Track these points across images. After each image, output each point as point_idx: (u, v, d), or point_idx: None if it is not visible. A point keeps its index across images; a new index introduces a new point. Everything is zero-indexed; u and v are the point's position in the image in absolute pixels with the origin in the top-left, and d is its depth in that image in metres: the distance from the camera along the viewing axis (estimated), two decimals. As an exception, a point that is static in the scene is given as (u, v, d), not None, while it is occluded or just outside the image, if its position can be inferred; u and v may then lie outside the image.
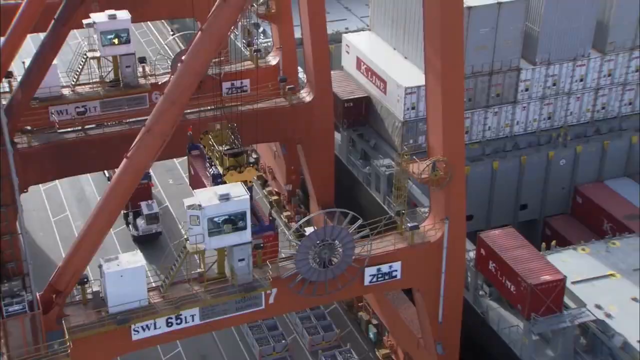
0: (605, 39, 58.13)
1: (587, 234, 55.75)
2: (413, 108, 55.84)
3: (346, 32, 68.37)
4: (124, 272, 37.40)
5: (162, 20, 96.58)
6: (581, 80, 58.87)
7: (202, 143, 44.85)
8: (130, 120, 55.20)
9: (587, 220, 59.47)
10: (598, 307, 43.45)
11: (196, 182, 47.22)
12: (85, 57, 57.68)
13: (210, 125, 44.01)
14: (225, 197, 37.66)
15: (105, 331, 37.30)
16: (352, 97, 60.84)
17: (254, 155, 71.46)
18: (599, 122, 60.87)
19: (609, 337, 41.66)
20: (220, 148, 42.17)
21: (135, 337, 38.46)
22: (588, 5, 56.27)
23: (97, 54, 57.28)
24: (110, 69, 57.88)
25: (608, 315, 42.99)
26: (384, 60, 59.23)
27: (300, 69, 62.35)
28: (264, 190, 69.25)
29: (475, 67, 55.90)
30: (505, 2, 54.74)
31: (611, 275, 46.19)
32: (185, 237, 38.72)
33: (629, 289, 45.02)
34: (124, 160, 36.98)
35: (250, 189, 41.26)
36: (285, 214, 65.62)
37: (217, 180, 42.75)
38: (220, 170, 42.04)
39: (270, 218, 40.74)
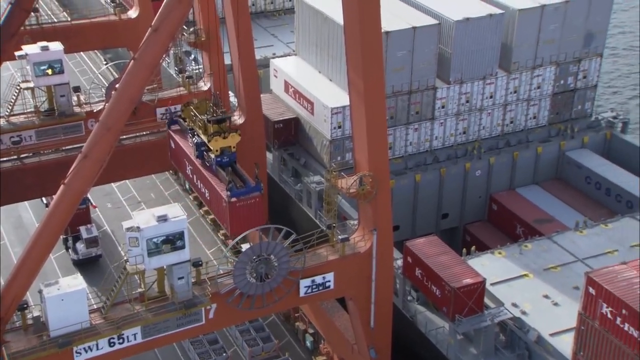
0: (510, 59, 60.05)
1: (502, 239, 57.12)
2: (339, 127, 56.28)
3: (273, 57, 68.48)
4: (64, 295, 36.14)
5: (95, 50, 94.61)
6: (491, 97, 60.58)
7: (183, 115, 43.91)
8: (67, 147, 53.66)
9: (502, 225, 61.04)
10: (514, 305, 44.50)
11: (176, 156, 46.21)
12: (18, 88, 55.81)
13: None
14: (163, 218, 36.99)
15: (47, 355, 35.87)
16: (281, 118, 60.90)
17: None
18: (509, 135, 62.66)
19: (524, 333, 42.70)
20: (203, 117, 41.42)
21: (77, 359, 37.11)
22: (493, 29, 58.04)
23: (31, 85, 55.54)
24: (44, 99, 56.15)
25: (523, 313, 44.07)
26: (310, 83, 59.56)
27: (231, 93, 62.00)
28: (200, 210, 68.32)
29: (395, 87, 56.81)
30: (419, 27, 55.94)
31: (525, 275, 47.40)
32: (125, 258, 37.76)
33: (541, 287, 46.29)
34: (62, 186, 35.86)
35: (234, 154, 40.92)
36: (221, 232, 64.80)
37: (201, 148, 42.17)
38: (204, 138, 41.31)
39: (256, 179, 40.30)
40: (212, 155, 41.25)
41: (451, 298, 42.29)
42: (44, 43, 54.78)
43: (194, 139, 42.74)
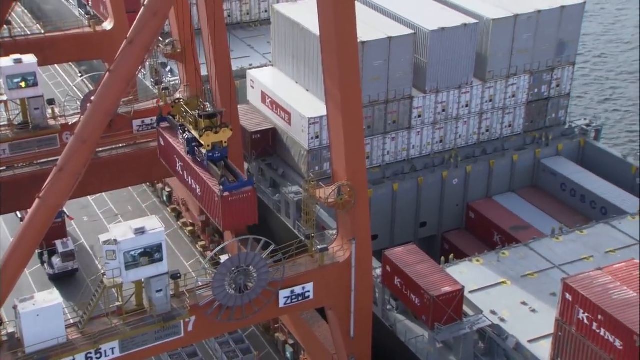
0: (485, 68, 60.70)
1: (480, 246, 57.52)
2: (317, 137, 56.38)
3: (250, 68, 68.48)
4: (40, 311, 35.63)
5: (70, 63, 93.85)
6: (467, 106, 61.12)
7: (173, 111, 43.55)
8: (42, 161, 53.05)
9: (479, 233, 61.47)
10: (493, 312, 44.75)
11: (166, 152, 45.82)
12: (-9, 101, 55.20)
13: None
14: (140, 231, 36.70)
15: (23, 372, 35.29)
16: (259, 129, 60.84)
17: (167, 189, 70.17)
18: (485, 144, 63.23)
19: (503, 340, 42.94)
20: (194, 112, 41.27)
21: (54, 375, 36.57)
22: (468, 39, 58.66)
23: (4, 98, 54.92)
24: (18, 112, 55.54)
25: (502, 320, 44.34)
26: (287, 94, 59.64)
27: (207, 104, 61.76)
28: (178, 222, 67.90)
29: (372, 97, 57.10)
30: (395, 37, 56.35)
31: (503, 282, 47.71)
32: (102, 272, 37.36)
33: (518, 294, 46.62)
34: (37, 200, 35.44)
35: (225, 149, 40.78)
36: (200, 243, 64.47)
37: (192, 144, 41.97)
38: (195, 134, 41.12)
39: (248, 174, 39.99)
40: (204, 151, 41.07)
41: (430, 306, 42.42)
42: (17, 56, 54.31)
43: (184, 135, 42.55)
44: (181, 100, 43.26)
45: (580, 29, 63.58)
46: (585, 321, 35.22)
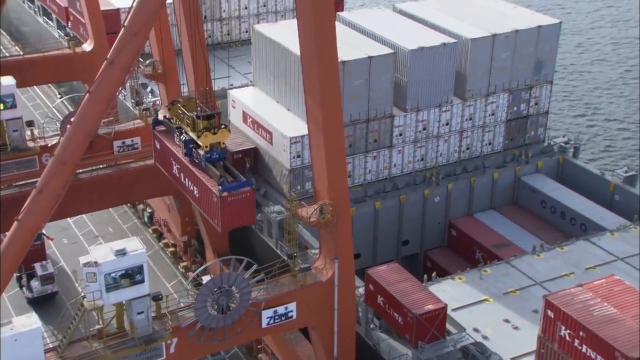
0: (464, 87, 61.32)
1: (462, 264, 57.68)
2: (298, 156, 56.47)
3: (231, 88, 68.59)
4: (18, 335, 35.10)
5: (49, 84, 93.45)
6: (447, 124, 61.62)
7: (170, 114, 43.34)
8: (20, 183, 52.56)
9: (461, 251, 61.70)
10: (476, 330, 44.81)
11: (162, 156, 45.48)
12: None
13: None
14: (121, 253, 36.44)
15: (1, 398, 34.66)
16: (240, 148, 60.75)
17: (149, 210, 69.76)
18: (465, 162, 63.68)
19: (486, 357, 42.94)
20: (191, 114, 41.15)
21: (33, 400, 35.96)
22: (447, 58, 59.28)
23: (-17, 120, 54.47)
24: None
25: (485, 337, 44.39)
26: (268, 113, 59.78)
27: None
28: (159, 243, 67.46)
29: (353, 116, 57.40)
30: (375, 56, 56.81)
31: (485, 300, 47.85)
32: (83, 294, 36.96)
33: (501, 311, 46.76)
34: (15, 223, 35.07)
35: (224, 149, 40.78)
36: (182, 264, 64.06)
37: (189, 145, 41.75)
38: (193, 135, 40.89)
39: (248, 174, 39.97)
40: (202, 152, 40.88)
41: (413, 325, 42.40)
42: (-5, 77, 53.99)
43: (182, 136, 42.34)
44: (178, 102, 43.28)
45: (556, 48, 64.54)
46: (567, 338, 35.40)
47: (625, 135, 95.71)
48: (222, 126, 40.90)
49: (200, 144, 40.66)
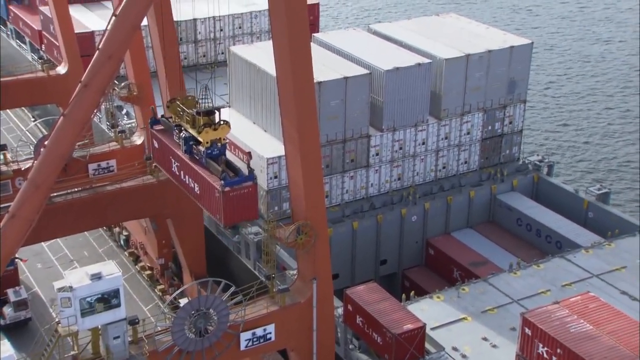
0: (440, 106, 61.99)
1: (440, 283, 57.87)
2: (276, 177, 56.49)
3: (208, 110, 68.52)
4: (-9, 363, 34.52)
5: (23, 107, 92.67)
6: (423, 143, 62.13)
7: (169, 112, 43.25)
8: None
9: (439, 269, 61.93)
10: (455, 349, 44.86)
11: (161, 155, 45.10)
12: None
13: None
14: (97, 277, 36.06)
15: None
16: (217, 170, 60.64)
17: (125, 233, 69.16)
18: (442, 180, 64.18)
19: (466, 376, 43.03)
20: (191, 111, 41.15)
21: None
22: (422, 78, 59.96)
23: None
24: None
25: (464, 356, 44.44)
26: (245, 134, 59.75)
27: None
28: (136, 266, 66.81)
29: (330, 136, 57.67)
30: (351, 77, 57.28)
31: (464, 318, 47.97)
32: (57, 320, 36.44)
33: (479, 329, 46.91)
34: (-12, 247, 34.56)
35: (224, 146, 40.74)
36: (159, 287, 63.45)
37: (189, 142, 41.53)
38: (193, 132, 40.83)
39: (249, 169, 39.80)
40: (202, 148, 40.80)
41: (392, 344, 42.35)
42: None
43: (181, 134, 42.18)
44: (177, 100, 43.36)
45: (529, 67, 65.63)
46: (545, 355, 35.62)
47: (597, 153, 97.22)
48: (222, 122, 40.99)
49: (201, 140, 40.69)
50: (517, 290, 50.63)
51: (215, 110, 41.47)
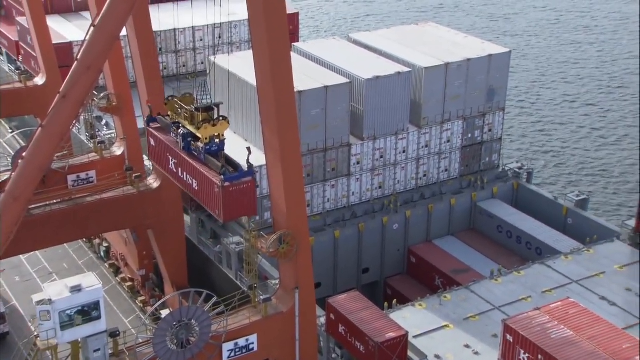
0: (420, 115, 62.37)
1: (422, 290, 58.02)
2: (257, 186, 56.31)
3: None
4: (-31, 378, 34.02)
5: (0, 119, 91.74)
6: (404, 151, 62.45)
7: (167, 109, 43.11)
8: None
9: (421, 277, 62.13)
10: (437, 357, 44.98)
11: (157, 152, 44.82)
12: None
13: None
14: (76, 289, 35.71)
15: None
16: (198, 180, 60.40)
17: (105, 244, 68.61)
18: (423, 188, 64.49)
19: (450, 383, 43.14)
20: (189, 107, 40.98)
21: None
22: (402, 86, 60.31)
23: None
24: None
25: (447, 364, 44.66)
26: (225, 144, 59.58)
27: (145, 157, 61.31)
28: (117, 278, 66.28)
29: (311, 145, 57.76)
30: (331, 86, 57.48)
31: (446, 326, 48.12)
32: (36, 333, 36.02)
33: (461, 337, 47.05)
34: (-35, 261, 34.13)
35: (223, 142, 40.69)
36: (140, 299, 62.98)
37: (188, 139, 41.44)
38: (191, 128, 40.79)
39: (248, 164, 39.70)
40: (201, 145, 40.77)
41: (375, 353, 42.37)
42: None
43: (179, 130, 42.16)
44: (174, 97, 43.29)
45: (507, 75, 66.27)
46: (527, 361, 35.84)
47: (577, 160, 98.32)
48: (221, 118, 40.98)
49: (200, 136, 40.65)
50: (498, 297, 50.91)
51: (214, 107, 41.54)
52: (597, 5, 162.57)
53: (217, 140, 40.85)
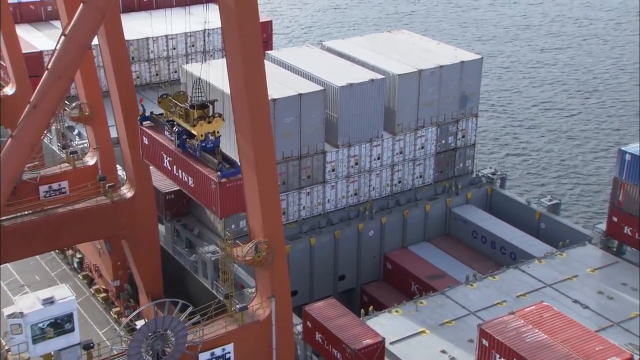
0: (394, 121, 62.67)
1: (398, 297, 58.14)
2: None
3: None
4: (-61, 394, 33.29)
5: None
6: (378, 158, 62.68)
7: (161, 107, 42.83)
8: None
9: (397, 283, 62.31)
10: (409, 362, 45.20)
11: (151, 151, 44.43)
12: None
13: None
14: (49, 301, 35.21)
15: None
16: (172, 189, 60.05)
17: (78, 255, 67.76)
18: (398, 195, 64.73)
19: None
20: (184, 105, 40.87)
21: None
22: (376, 93, 60.57)
23: None
24: None
25: (423, 370, 44.78)
26: (200, 153, 59.36)
27: (119, 167, 60.77)
28: (91, 289, 65.46)
29: (286, 153, 57.71)
30: (305, 93, 57.53)
31: (422, 332, 48.29)
32: (7, 347, 35.40)
33: (438, 342, 47.25)
34: None
35: (218, 139, 40.66)
36: (114, 310, 62.27)
37: (182, 136, 41.22)
38: (186, 126, 40.66)
39: None
40: (196, 142, 40.63)
41: (352, 360, 42.39)
42: None
43: (174, 128, 41.82)
44: (168, 96, 43.05)
45: (480, 82, 66.97)
46: (503, 365, 36.07)
47: (546, 164, 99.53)
48: (216, 115, 40.81)
49: (195, 133, 40.42)
50: (474, 302, 51.25)
51: (209, 104, 41.41)
52: (565, 11, 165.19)
53: (212, 137, 40.82)
